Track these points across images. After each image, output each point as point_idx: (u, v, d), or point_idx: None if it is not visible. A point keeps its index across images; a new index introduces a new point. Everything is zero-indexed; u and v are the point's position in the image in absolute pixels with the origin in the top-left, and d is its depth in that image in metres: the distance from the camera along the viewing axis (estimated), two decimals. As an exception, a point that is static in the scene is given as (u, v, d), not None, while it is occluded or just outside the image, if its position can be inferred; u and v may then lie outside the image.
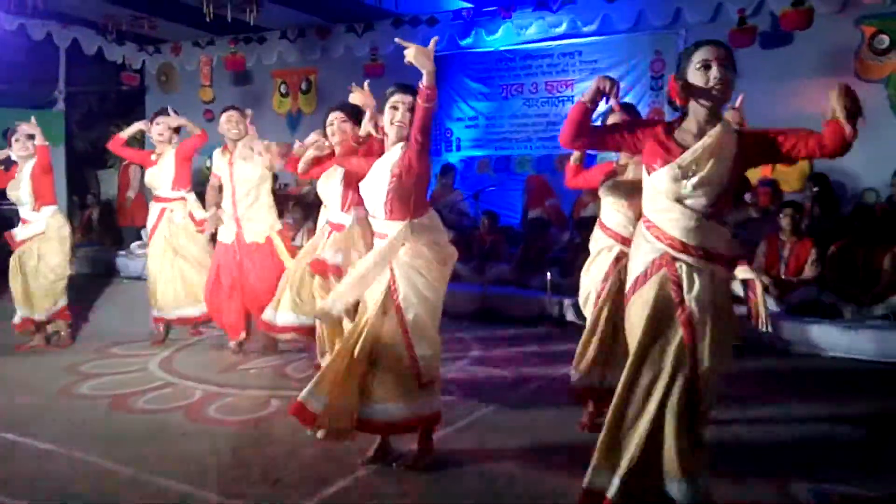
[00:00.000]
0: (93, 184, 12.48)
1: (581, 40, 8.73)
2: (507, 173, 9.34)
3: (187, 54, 11.04)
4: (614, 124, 2.77)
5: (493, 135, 9.61)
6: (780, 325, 5.56)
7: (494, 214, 8.19)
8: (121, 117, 13.27)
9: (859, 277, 5.97)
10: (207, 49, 10.80)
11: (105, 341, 5.86)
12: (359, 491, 3.17)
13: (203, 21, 8.37)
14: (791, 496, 3.12)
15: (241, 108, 5.42)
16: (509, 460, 3.48)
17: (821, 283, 6.02)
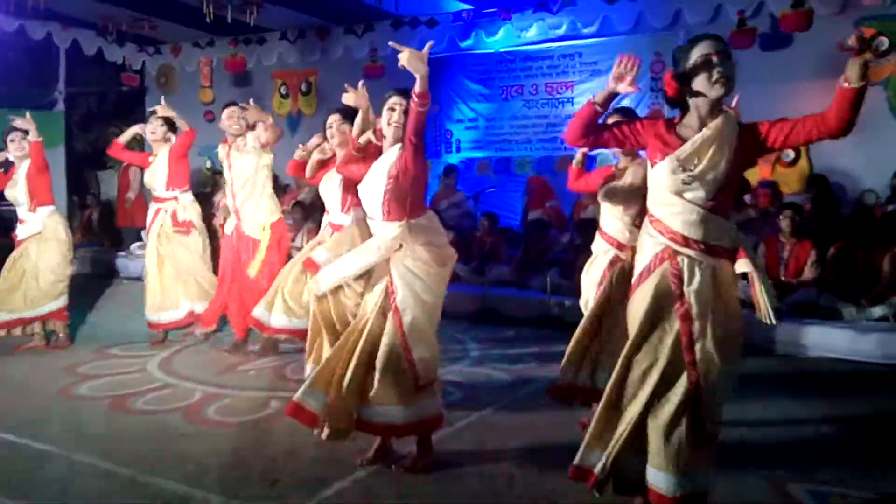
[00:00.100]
0: (93, 184, 12.48)
1: (581, 42, 8.73)
2: (507, 175, 9.34)
3: (187, 55, 11.05)
4: (617, 122, 2.77)
5: (493, 136, 9.61)
6: (780, 326, 5.56)
7: (494, 216, 8.20)
8: (120, 118, 13.28)
9: (859, 279, 5.97)
10: (207, 50, 10.81)
11: (104, 342, 5.86)
12: (358, 492, 3.17)
13: (203, 22, 8.38)
14: (789, 497, 3.11)
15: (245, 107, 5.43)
16: (509, 461, 3.49)
17: (820, 285, 6.02)
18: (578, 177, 3.90)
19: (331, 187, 4.40)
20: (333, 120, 4.17)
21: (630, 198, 3.48)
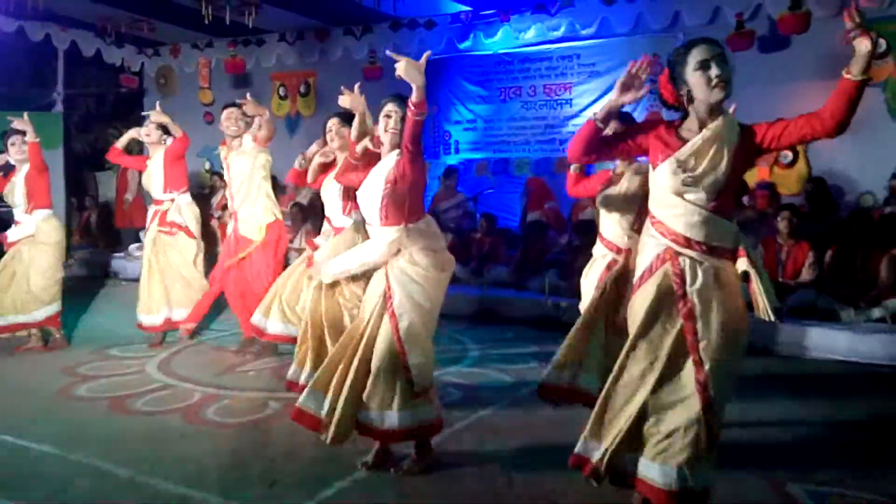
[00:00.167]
0: (91, 186, 12.47)
1: (579, 43, 8.74)
2: (506, 176, 9.35)
3: (186, 56, 11.05)
4: (617, 133, 2.76)
5: (492, 138, 9.62)
6: (780, 326, 5.57)
7: (493, 217, 8.21)
8: (119, 120, 13.28)
9: (857, 280, 5.98)
10: (206, 51, 10.82)
11: (103, 343, 5.85)
12: (357, 492, 3.17)
13: (202, 23, 8.39)
14: (789, 497, 3.12)
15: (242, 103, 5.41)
16: (509, 461, 3.49)
17: (818, 286, 6.03)
18: (577, 182, 3.90)
19: (332, 191, 4.40)
20: (333, 124, 4.19)
21: (628, 204, 3.50)
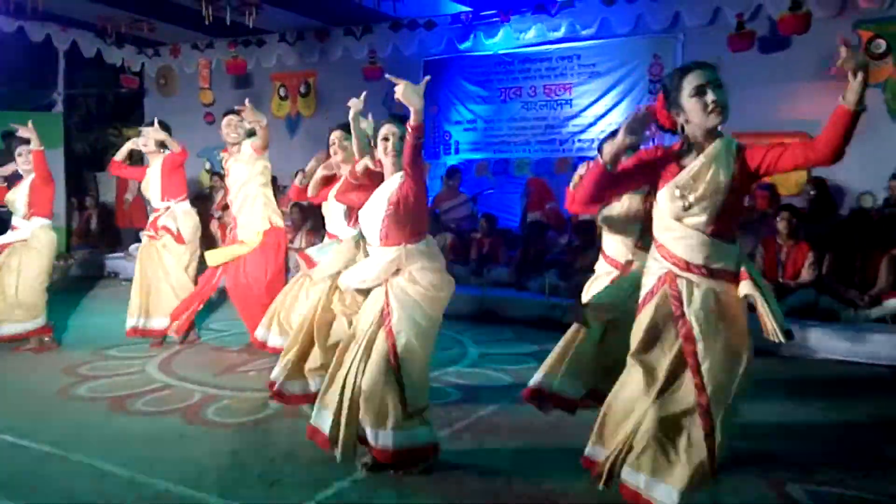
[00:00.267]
0: (91, 186, 12.49)
1: (580, 44, 8.75)
2: (506, 176, 9.35)
3: (186, 57, 11.05)
4: (624, 171, 2.68)
5: (492, 138, 9.63)
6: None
7: (493, 217, 8.22)
8: (120, 120, 13.31)
9: (856, 281, 5.99)
10: (206, 52, 10.82)
11: (104, 343, 5.85)
12: (357, 492, 3.17)
13: (202, 24, 8.39)
14: (789, 497, 3.12)
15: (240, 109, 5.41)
16: (508, 461, 3.50)
17: (818, 287, 6.03)
18: (575, 198, 3.88)
19: (336, 204, 4.37)
20: (336, 136, 4.16)
21: (630, 222, 3.50)
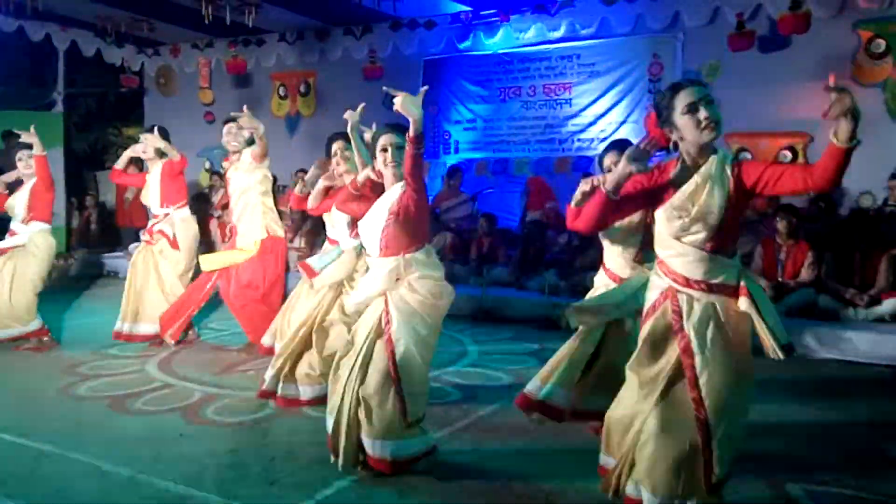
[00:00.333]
0: (91, 185, 12.50)
1: (579, 43, 8.76)
2: (505, 176, 9.36)
3: (186, 56, 11.06)
4: (625, 197, 2.69)
5: (491, 137, 9.63)
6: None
7: (492, 217, 8.22)
8: (119, 120, 13.31)
9: (856, 280, 5.99)
10: (206, 51, 10.83)
11: (103, 342, 5.84)
12: (357, 492, 3.18)
13: (202, 23, 8.40)
14: (788, 497, 3.13)
15: (240, 110, 5.38)
16: (507, 461, 3.50)
17: (818, 286, 6.04)
18: (577, 216, 3.87)
19: (339, 214, 4.37)
20: (338, 147, 4.15)
21: (630, 236, 3.50)
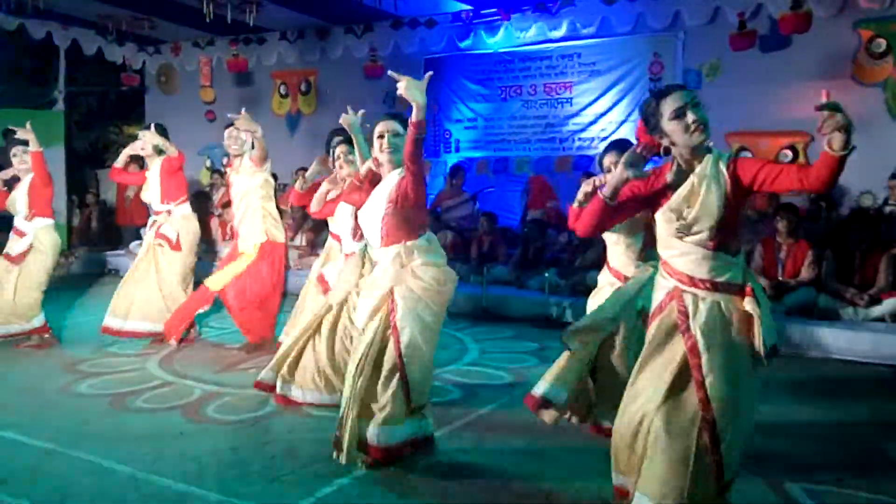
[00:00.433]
0: (92, 183, 12.52)
1: (580, 42, 8.75)
2: (506, 175, 9.37)
3: (187, 55, 11.05)
4: (622, 203, 2.71)
5: (492, 136, 9.63)
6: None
7: (493, 215, 8.22)
8: (120, 118, 13.33)
9: (856, 280, 5.99)
10: (207, 49, 10.81)
11: (104, 340, 5.85)
12: (358, 489, 3.18)
13: (203, 21, 8.39)
14: (788, 497, 3.13)
15: (240, 110, 5.34)
16: (507, 460, 3.50)
17: (818, 286, 6.04)
18: (578, 217, 3.88)
19: (343, 216, 4.38)
20: (340, 151, 4.15)
21: (633, 235, 3.52)
